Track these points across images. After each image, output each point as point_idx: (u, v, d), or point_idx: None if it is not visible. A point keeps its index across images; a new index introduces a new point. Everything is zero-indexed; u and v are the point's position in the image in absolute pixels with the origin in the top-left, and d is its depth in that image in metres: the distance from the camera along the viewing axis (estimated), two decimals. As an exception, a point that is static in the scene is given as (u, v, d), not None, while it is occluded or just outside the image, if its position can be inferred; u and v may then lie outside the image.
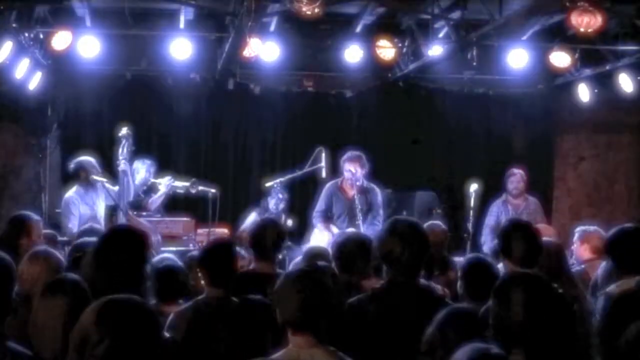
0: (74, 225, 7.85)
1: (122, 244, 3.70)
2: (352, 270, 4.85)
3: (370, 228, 7.90)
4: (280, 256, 5.76)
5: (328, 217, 8.48)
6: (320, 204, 8.59)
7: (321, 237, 8.08)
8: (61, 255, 4.88)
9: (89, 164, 8.12)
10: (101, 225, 7.43)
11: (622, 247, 4.65)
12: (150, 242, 3.88)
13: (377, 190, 8.51)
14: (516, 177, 9.26)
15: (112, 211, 7.87)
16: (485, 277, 4.55)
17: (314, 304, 3.17)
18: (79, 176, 8.07)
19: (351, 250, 4.93)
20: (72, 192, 8.12)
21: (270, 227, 5.22)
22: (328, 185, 8.64)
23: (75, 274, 3.82)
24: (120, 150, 7.52)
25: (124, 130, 7.57)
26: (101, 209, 8.12)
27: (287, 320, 3.21)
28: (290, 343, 3.21)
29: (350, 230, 7.27)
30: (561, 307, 3.10)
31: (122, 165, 7.52)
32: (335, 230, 8.10)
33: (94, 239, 5.56)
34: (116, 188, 7.73)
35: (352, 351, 3.30)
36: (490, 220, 9.21)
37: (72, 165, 8.23)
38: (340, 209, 8.44)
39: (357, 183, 8.26)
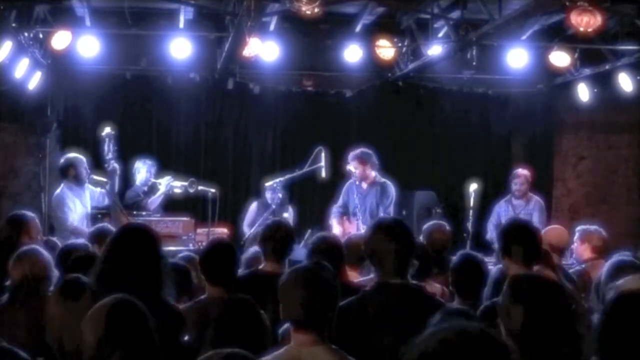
0: (73, 219, 7.90)
1: (139, 240, 3.68)
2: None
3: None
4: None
5: (343, 213, 8.70)
6: (338, 200, 8.82)
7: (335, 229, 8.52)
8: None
9: (80, 162, 8.11)
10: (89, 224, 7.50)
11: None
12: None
13: (388, 184, 8.58)
14: (520, 179, 9.28)
15: (101, 210, 7.85)
16: (475, 275, 4.56)
17: (318, 302, 3.15)
18: (68, 174, 8.07)
19: None
20: (62, 189, 8.14)
21: (281, 228, 5.16)
22: (348, 181, 8.78)
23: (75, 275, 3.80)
24: (105, 149, 7.55)
25: (107, 129, 7.59)
26: (88, 208, 8.13)
27: (290, 317, 3.19)
28: (292, 340, 3.18)
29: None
30: (567, 309, 3.12)
31: (112, 165, 7.55)
32: (347, 225, 8.48)
33: (81, 240, 5.64)
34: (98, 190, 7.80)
35: (347, 353, 3.28)
36: (492, 219, 9.33)
37: (62, 161, 8.26)
38: (355, 203, 8.61)
39: (356, 182, 8.54)
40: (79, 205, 8.05)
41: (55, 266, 4.71)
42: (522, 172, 9.37)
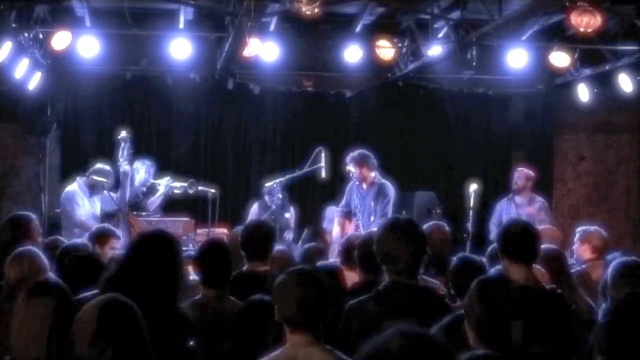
0: (80, 214, 7.99)
1: (160, 248, 3.60)
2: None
3: (374, 223, 7.99)
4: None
5: (347, 212, 8.70)
6: (343, 200, 8.83)
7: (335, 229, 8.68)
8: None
9: (109, 176, 8.19)
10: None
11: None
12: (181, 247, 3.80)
13: (386, 184, 8.55)
14: (519, 173, 9.30)
15: (111, 213, 7.90)
16: (474, 278, 4.55)
17: (313, 302, 3.16)
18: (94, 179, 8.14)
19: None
20: (75, 187, 8.22)
21: (259, 228, 5.15)
22: (351, 182, 8.78)
23: (57, 277, 3.78)
24: (120, 152, 7.58)
25: (123, 133, 7.64)
26: (97, 210, 8.20)
27: (285, 317, 3.20)
28: (288, 341, 3.19)
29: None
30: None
31: (124, 167, 7.58)
32: (347, 225, 8.53)
33: (80, 240, 5.64)
34: (116, 194, 7.82)
35: (354, 352, 3.29)
36: (493, 218, 9.28)
37: (99, 167, 8.30)
38: (355, 204, 8.62)
39: (357, 183, 8.51)
40: (89, 205, 8.13)
41: (54, 266, 4.71)
42: (523, 169, 9.38)
